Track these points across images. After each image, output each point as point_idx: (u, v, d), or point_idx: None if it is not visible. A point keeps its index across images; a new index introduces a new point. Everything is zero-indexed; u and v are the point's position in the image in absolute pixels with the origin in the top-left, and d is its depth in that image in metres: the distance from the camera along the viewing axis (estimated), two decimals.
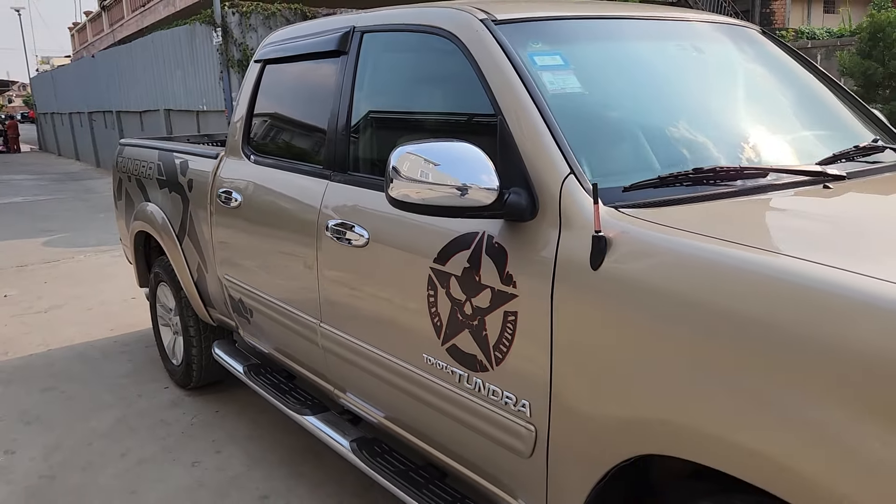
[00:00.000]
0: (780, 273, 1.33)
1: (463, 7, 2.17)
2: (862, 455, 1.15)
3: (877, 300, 1.19)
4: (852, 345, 1.18)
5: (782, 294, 1.30)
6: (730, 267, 1.40)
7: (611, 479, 1.62)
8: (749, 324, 1.32)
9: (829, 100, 2.58)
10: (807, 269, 1.31)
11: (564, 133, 1.82)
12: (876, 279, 1.23)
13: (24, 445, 3.54)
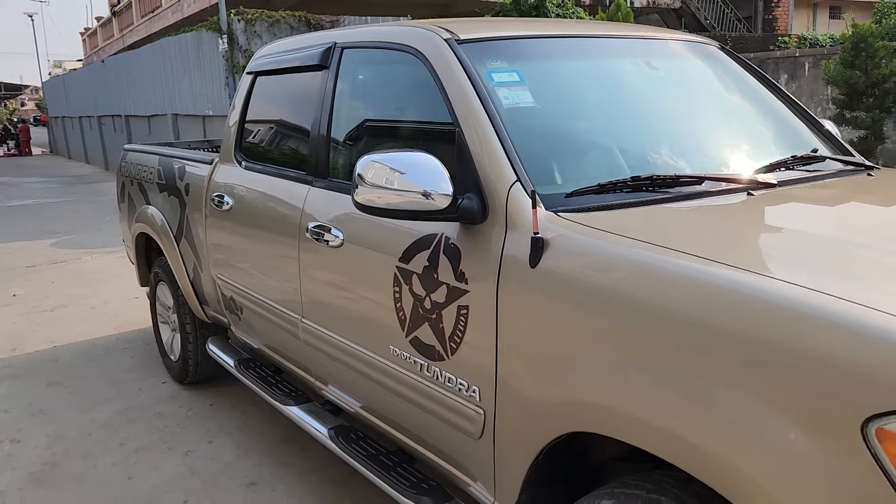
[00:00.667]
0: (688, 272, 1.50)
1: (431, 27, 2.36)
2: (758, 433, 1.31)
3: (766, 295, 1.37)
4: (749, 335, 1.35)
5: (689, 290, 1.48)
6: (647, 266, 1.57)
7: (550, 457, 1.80)
8: (662, 316, 1.49)
9: (779, 112, 2.75)
10: (709, 269, 1.48)
11: (515, 144, 2.00)
12: (767, 276, 1.41)
13: (29, 435, 3.74)
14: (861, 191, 2.26)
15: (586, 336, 1.64)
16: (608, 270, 1.64)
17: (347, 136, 2.68)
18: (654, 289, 1.53)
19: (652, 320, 1.51)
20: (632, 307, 1.55)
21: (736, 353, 1.36)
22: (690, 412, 1.42)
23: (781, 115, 2.75)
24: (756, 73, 2.90)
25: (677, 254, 1.56)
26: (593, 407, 1.61)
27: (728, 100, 2.69)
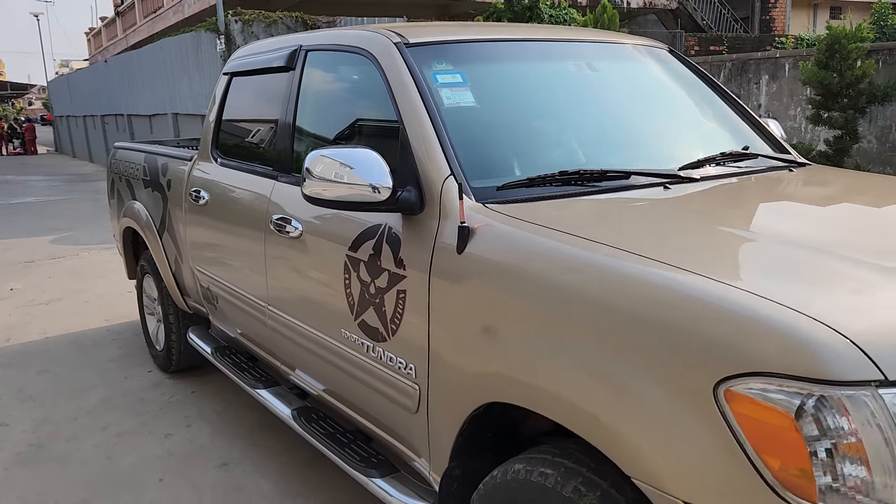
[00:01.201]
0: (584, 257, 1.66)
1: (383, 31, 2.52)
2: (638, 400, 1.46)
3: (643, 276, 1.53)
4: (630, 311, 1.51)
5: (583, 272, 1.64)
6: (553, 252, 1.73)
7: (476, 429, 1.95)
8: (562, 296, 1.65)
9: (720, 112, 2.90)
10: (599, 253, 1.64)
11: (453, 141, 2.16)
12: (647, 259, 1.56)
13: (17, 419, 3.92)
14: (771, 185, 2.40)
15: (500, 315, 1.79)
16: (521, 256, 1.80)
17: (309, 133, 2.84)
18: (556, 272, 1.69)
19: (553, 299, 1.67)
20: (539, 288, 1.71)
21: (620, 328, 1.52)
22: (582, 382, 1.58)
23: (722, 114, 2.90)
24: (702, 75, 3.05)
25: (580, 240, 1.72)
26: (505, 379, 1.77)
27: (669, 100, 2.84)
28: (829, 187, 2.45)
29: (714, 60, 8.12)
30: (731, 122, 2.88)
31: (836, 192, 2.41)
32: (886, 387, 1.23)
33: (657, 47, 3.05)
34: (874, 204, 2.24)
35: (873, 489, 1.22)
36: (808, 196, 2.34)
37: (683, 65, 3.06)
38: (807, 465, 1.24)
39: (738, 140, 2.74)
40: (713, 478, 1.34)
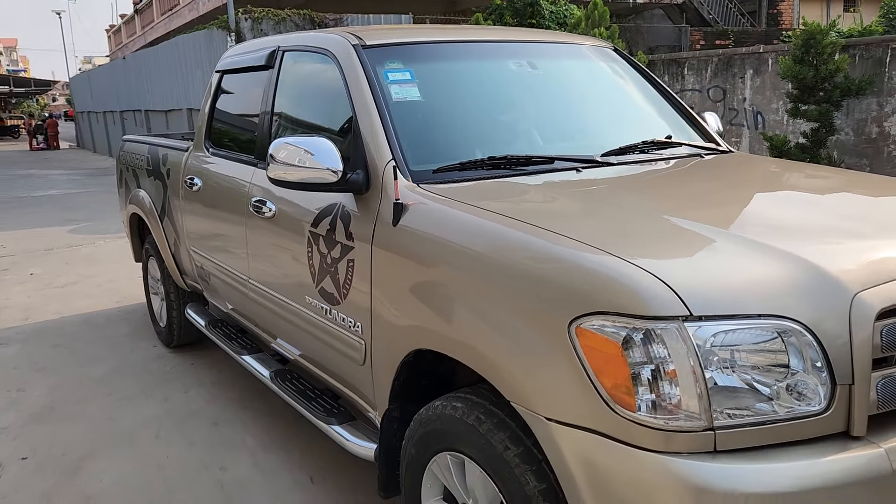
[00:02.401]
0: (488, 225, 2.00)
1: (344, 33, 2.87)
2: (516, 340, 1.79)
3: (522, 237, 1.86)
4: (513, 267, 1.84)
5: (486, 237, 1.97)
6: (466, 222, 2.07)
7: (411, 377, 2.30)
8: (470, 258, 1.99)
9: (655, 105, 3.22)
10: (501, 221, 1.98)
11: (397, 130, 2.50)
12: (528, 224, 1.90)
13: (33, 386, 4.32)
14: (673, 169, 2.71)
15: (422, 277, 2.14)
16: (440, 227, 2.14)
17: (284, 124, 3.20)
18: (464, 239, 2.03)
19: (460, 262, 2.01)
20: (451, 253, 2.05)
21: (505, 282, 1.85)
22: (478, 328, 1.91)
23: (657, 108, 3.21)
24: (643, 73, 3.37)
25: (484, 212, 2.06)
26: (425, 330, 2.11)
27: (605, 94, 3.16)
28: (725, 170, 2.75)
29: (701, 56, 8.37)
30: (665, 114, 3.19)
31: (728, 174, 2.71)
32: (692, 321, 1.55)
33: (602, 47, 3.36)
34: (758, 186, 2.55)
35: (680, 402, 1.55)
36: (699, 177, 2.65)
37: (627, 63, 3.37)
38: (629, 384, 1.57)
39: (669, 131, 3.05)
40: (566, 397, 1.67)
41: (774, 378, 1.57)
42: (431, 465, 2.17)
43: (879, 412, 1.62)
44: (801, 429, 1.57)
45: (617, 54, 3.38)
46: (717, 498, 1.49)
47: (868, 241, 1.84)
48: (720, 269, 1.68)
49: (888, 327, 1.60)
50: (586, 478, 1.64)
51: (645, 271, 1.62)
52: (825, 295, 1.61)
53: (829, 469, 1.52)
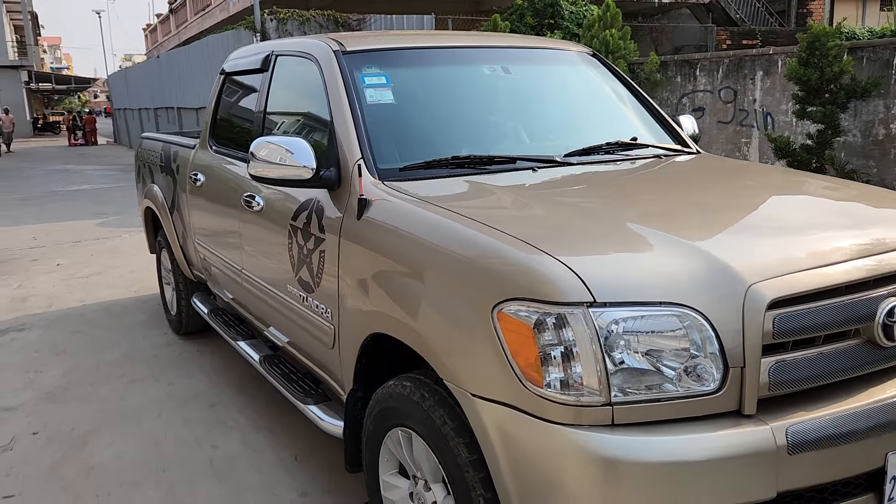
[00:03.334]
0: (434, 218, 2.18)
1: (328, 40, 3.06)
2: (452, 322, 1.97)
3: (463, 230, 2.04)
4: (451, 256, 2.02)
5: (431, 229, 2.15)
6: (417, 215, 2.25)
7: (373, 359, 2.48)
8: (417, 247, 2.17)
9: (628, 108, 3.35)
10: (446, 215, 2.15)
11: (369, 131, 2.69)
12: (467, 218, 2.07)
13: (50, 367, 4.60)
14: (629, 169, 2.85)
15: (379, 266, 2.32)
16: (396, 219, 2.32)
17: (274, 122, 3.40)
18: (413, 230, 2.21)
19: (409, 251, 2.19)
20: (403, 241, 2.23)
21: (444, 270, 2.03)
22: (421, 312, 2.09)
23: (629, 110, 3.35)
24: (619, 77, 3.50)
25: (434, 207, 2.23)
26: (380, 314, 2.30)
27: (577, 97, 3.31)
28: (676, 171, 2.87)
29: (713, 57, 8.42)
30: (637, 117, 3.33)
31: (676, 175, 2.84)
32: (596, 307, 1.71)
33: (579, 52, 3.51)
34: (697, 185, 2.68)
35: (582, 380, 1.71)
36: (646, 177, 2.78)
37: (605, 67, 3.51)
38: (538, 363, 1.74)
39: (637, 133, 3.19)
40: (489, 375, 1.84)
41: (672, 360, 1.72)
42: (387, 440, 2.35)
43: (773, 394, 1.76)
44: (696, 406, 1.72)
45: (595, 59, 3.53)
46: (614, 465, 1.65)
47: (772, 237, 1.97)
48: (628, 260, 1.84)
49: (780, 316, 1.74)
50: (503, 447, 1.81)
51: (558, 262, 1.78)
52: (722, 286, 1.76)
53: (716, 442, 1.67)
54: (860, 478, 1.82)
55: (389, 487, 2.41)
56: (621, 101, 3.38)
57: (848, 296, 1.84)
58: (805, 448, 1.70)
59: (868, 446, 1.78)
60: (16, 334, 5.33)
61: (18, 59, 38.42)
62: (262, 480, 3.17)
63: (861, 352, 1.87)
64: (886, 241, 1.98)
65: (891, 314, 1.87)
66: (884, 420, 1.79)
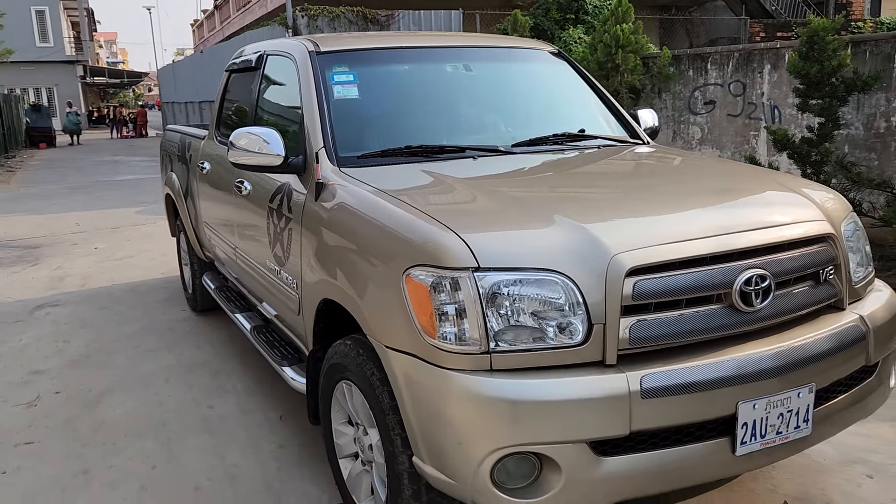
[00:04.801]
0: (369, 197, 2.51)
1: (305, 40, 3.42)
2: (374, 285, 2.30)
3: (387, 207, 2.37)
4: (375, 229, 2.35)
5: (366, 206, 2.49)
6: (357, 195, 2.59)
7: (327, 322, 2.83)
8: (353, 223, 2.51)
9: (584, 102, 3.63)
10: (377, 194, 2.49)
11: (333, 123, 3.03)
12: (395, 198, 2.40)
13: (76, 339, 5.09)
14: (564, 158, 3.12)
15: (326, 240, 2.67)
16: (343, 200, 2.66)
17: (263, 115, 3.78)
18: (354, 209, 2.55)
19: (348, 226, 2.53)
20: (344, 217, 2.58)
21: (369, 240, 2.37)
22: (352, 278, 2.44)
23: (585, 104, 3.63)
24: (581, 74, 3.78)
25: (370, 188, 2.57)
26: (326, 282, 2.65)
27: (534, 92, 3.60)
28: (605, 159, 3.14)
29: (724, 51, 8.54)
30: (592, 111, 3.60)
31: (603, 162, 3.11)
32: (480, 272, 2.03)
33: (541, 49, 3.80)
34: (613, 170, 2.99)
35: (467, 333, 2.02)
36: (572, 164, 3.06)
37: (568, 64, 3.79)
38: (433, 319, 2.06)
39: (589, 125, 3.47)
40: (398, 330, 2.17)
41: (543, 316, 2.03)
42: (336, 392, 2.71)
43: (634, 349, 2.05)
44: (564, 356, 2.03)
45: (559, 57, 3.81)
46: (489, 402, 1.97)
47: (646, 216, 2.26)
48: (515, 234, 2.15)
49: (638, 282, 2.03)
50: (407, 389, 2.14)
51: (455, 235, 2.10)
52: (591, 256, 2.05)
53: (576, 386, 1.97)
54: (714, 423, 2.10)
55: (340, 435, 2.76)
56: (580, 96, 3.65)
57: (706, 266, 2.12)
58: (657, 394, 1.99)
59: (719, 396, 2.06)
60: (50, 309, 5.85)
61: (75, 55, 39.87)
62: (247, 436, 3.55)
63: (723, 315, 2.15)
64: (748, 221, 2.26)
65: (748, 283, 2.14)
66: (733, 373, 2.06)
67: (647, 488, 2.08)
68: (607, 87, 8.98)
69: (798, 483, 2.97)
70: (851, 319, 2.37)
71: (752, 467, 2.24)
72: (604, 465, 2.00)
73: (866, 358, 2.38)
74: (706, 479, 2.19)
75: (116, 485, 3.15)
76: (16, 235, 9.19)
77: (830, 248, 2.39)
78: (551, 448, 1.97)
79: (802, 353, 2.17)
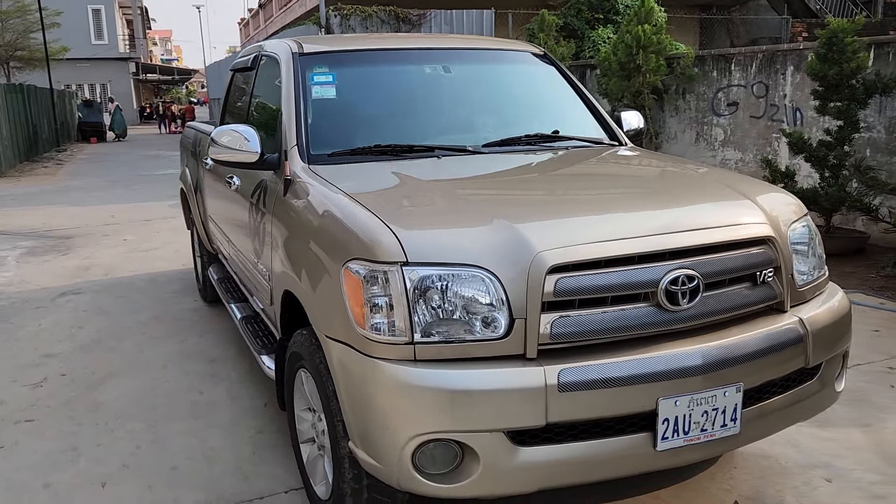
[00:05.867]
0: (326, 192, 2.62)
1: (290, 42, 3.55)
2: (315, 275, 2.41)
3: (336, 202, 2.48)
4: (325, 224, 2.46)
5: (320, 203, 2.60)
6: (317, 191, 2.70)
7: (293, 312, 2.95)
8: (309, 218, 2.62)
9: (564, 104, 3.69)
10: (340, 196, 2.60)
11: (308, 122, 3.15)
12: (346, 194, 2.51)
13: (91, 324, 5.33)
14: (525, 158, 3.19)
15: (288, 232, 2.79)
16: (304, 196, 2.78)
17: (255, 113, 3.92)
18: (312, 204, 2.66)
19: (304, 222, 2.64)
20: (302, 213, 2.69)
21: (320, 236, 2.48)
22: (303, 272, 2.55)
23: (565, 106, 3.68)
24: (564, 75, 3.83)
25: (328, 185, 2.68)
26: (285, 274, 2.77)
27: (513, 94, 3.67)
28: (567, 161, 3.19)
29: (747, 52, 8.43)
30: (571, 112, 3.65)
31: (564, 163, 3.16)
32: (409, 266, 2.12)
33: (525, 51, 3.86)
34: (567, 171, 3.05)
35: (394, 324, 2.12)
36: (535, 165, 3.12)
37: (552, 66, 3.85)
38: (364, 311, 2.16)
39: (565, 126, 3.52)
40: (336, 320, 2.28)
41: (466, 309, 2.11)
42: (296, 380, 2.83)
43: (556, 344, 2.12)
44: (486, 348, 2.10)
45: (543, 59, 3.87)
46: (413, 390, 2.06)
47: (578, 217, 2.32)
48: (447, 232, 2.24)
49: (560, 279, 2.10)
50: (342, 376, 2.25)
51: (390, 231, 2.20)
52: (517, 253, 2.13)
53: (494, 377, 2.05)
54: (635, 418, 2.15)
55: (301, 420, 2.88)
56: (561, 98, 3.71)
57: (632, 266, 2.17)
58: (573, 388, 2.06)
59: (638, 392, 2.11)
60: (72, 297, 6.12)
61: (128, 52, 41.08)
62: (230, 420, 3.71)
63: (649, 314, 2.20)
64: (681, 223, 2.30)
65: (675, 283, 2.19)
66: (652, 370, 2.12)
67: (566, 478, 2.15)
68: (629, 88, 8.96)
69: (755, 484, 2.99)
70: (790, 322, 2.39)
71: (678, 463, 2.28)
72: (521, 454, 2.07)
73: (805, 360, 2.40)
74: (628, 473, 2.24)
75: (101, 462, 3.33)
76: (53, 226, 9.59)
77: (770, 250, 2.41)
78: (469, 436, 2.05)
79: (728, 352, 2.21)
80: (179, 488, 3.09)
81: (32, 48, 26.24)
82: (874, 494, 2.89)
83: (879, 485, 2.96)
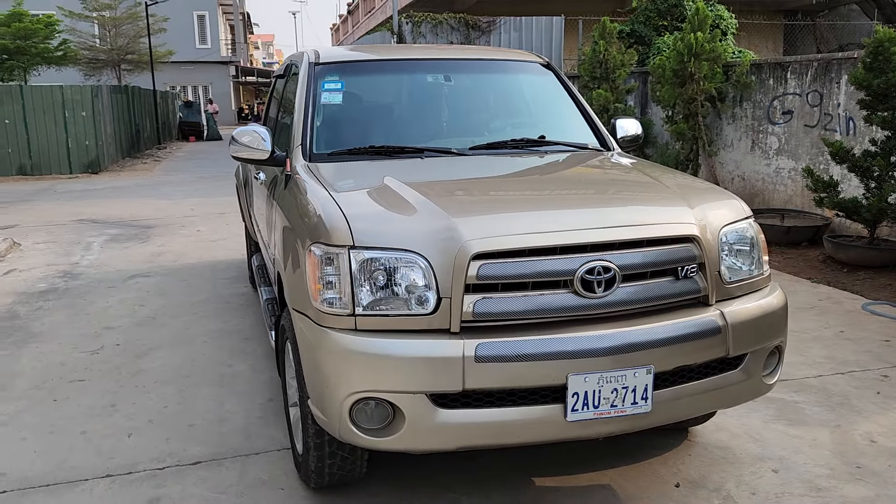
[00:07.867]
0: (313, 185, 3.01)
1: (311, 52, 3.97)
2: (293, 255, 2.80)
3: (316, 193, 2.86)
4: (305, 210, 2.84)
5: (305, 194, 2.99)
6: (306, 183, 3.09)
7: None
8: (295, 205, 3.01)
9: (562, 111, 3.95)
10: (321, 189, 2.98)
11: (314, 125, 3.56)
12: (329, 189, 2.88)
13: (150, 303, 5.94)
14: (508, 160, 3.46)
15: (284, 220, 3.20)
16: (299, 187, 3.18)
17: (283, 116, 4.37)
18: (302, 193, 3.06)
19: (291, 207, 3.04)
20: (293, 203, 3.09)
21: (297, 221, 2.87)
22: (283, 251, 2.94)
23: (559, 112, 3.95)
24: (564, 84, 4.09)
25: (315, 179, 3.06)
26: (279, 257, 3.18)
27: (508, 101, 3.96)
28: (540, 164, 3.45)
29: (803, 60, 8.33)
30: (564, 119, 3.91)
31: (535, 166, 3.42)
32: (355, 249, 2.47)
33: (527, 61, 4.14)
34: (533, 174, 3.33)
35: (341, 299, 2.47)
36: (504, 166, 3.40)
37: (554, 76, 4.12)
38: (319, 287, 2.53)
39: (560, 132, 3.79)
40: (301, 294, 2.66)
41: (401, 288, 2.44)
42: (286, 350, 3.23)
43: (480, 321, 2.42)
44: (417, 322, 2.43)
45: (545, 68, 4.14)
46: (349, 354, 2.41)
47: (511, 212, 2.62)
48: (393, 221, 2.58)
49: (482, 266, 2.40)
50: (301, 343, 2.63)
51: (345, 219, 2.56)
52: (448, 241, 2.44)
53: (418, 346, 2.38)
54: (547, 390, 2.42)
55: (290, 386, 3.28)
56: (555, 104, 3.97)
57: (552, 256, 2.45)
58: (488, 360, 2.35)
59: (549, 367, 2.39)
60: (140, 279, 6.79)
61: (229, 56, 43.20)
62: (248, 390, 4.16)
63: (566, 299, 2.47)
64: (605, 220, 2.56)
65: (591, 272, 2.45)
66: (562, 349, 2.39)
67: (483, 440, 2.45)
68: (682, 95, 9.01)
69: (704, 471, 3.18)
70: (710, 314, 2.60)
71: (591, 434, 2.53)
72: (441, 415, 2.39)
73: (725, 350, 2.60)
74: (541, 439, 2.51)
75: (132, 417, 3.83)
76: (139, 217, 10.47)
77: (694, 248, 2.63)
78: (395, 396, 2.38)
79: (638, 337, 2.45)
80: (190, 441, 3.54)
81: (141, 52, 28.10)
82: (815, 486, 3.03)
83: (825, 478, 3.09)
